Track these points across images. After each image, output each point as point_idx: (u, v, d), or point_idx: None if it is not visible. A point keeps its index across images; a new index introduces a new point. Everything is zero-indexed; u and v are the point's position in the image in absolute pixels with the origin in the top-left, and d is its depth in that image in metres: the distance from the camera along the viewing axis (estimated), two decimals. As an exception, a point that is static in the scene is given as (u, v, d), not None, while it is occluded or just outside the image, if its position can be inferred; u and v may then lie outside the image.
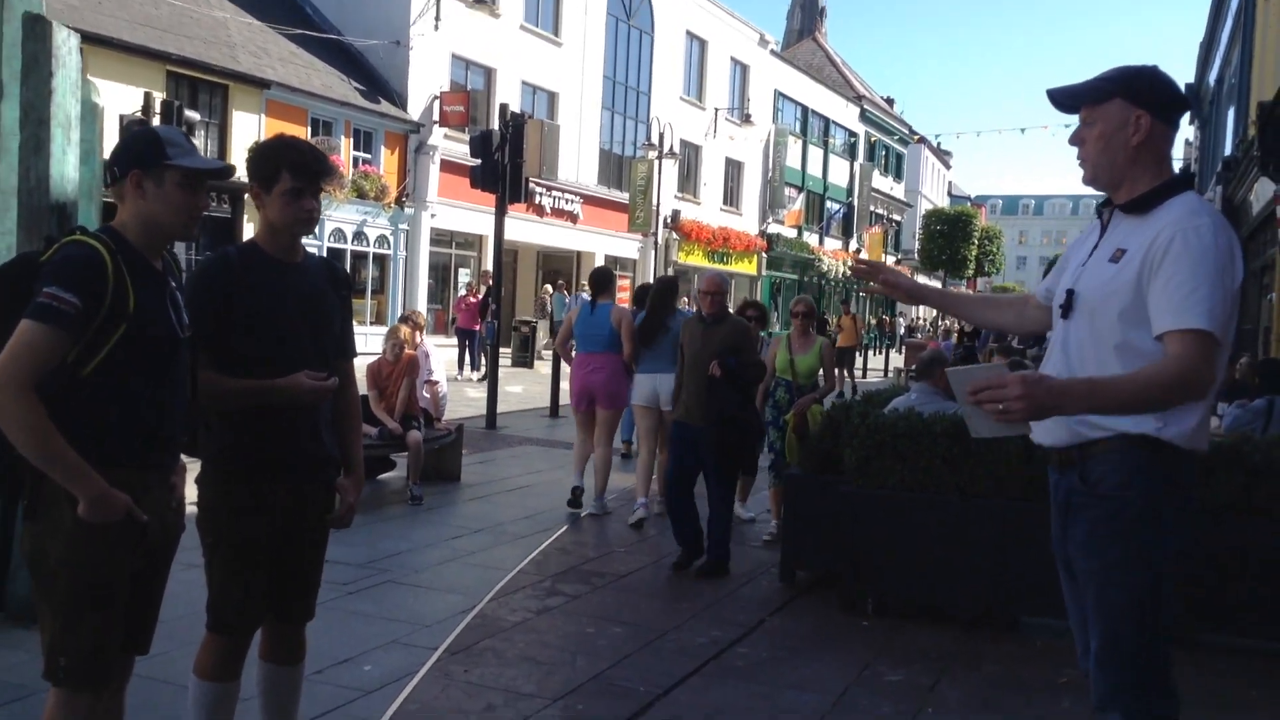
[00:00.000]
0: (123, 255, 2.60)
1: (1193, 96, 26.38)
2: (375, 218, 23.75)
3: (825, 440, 6.25)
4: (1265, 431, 7.09)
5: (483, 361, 19.68)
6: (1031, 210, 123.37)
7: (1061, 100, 2.71)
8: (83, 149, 4.89)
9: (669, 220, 32.55)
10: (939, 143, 63.53)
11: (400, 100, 24.39)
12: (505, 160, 13.28)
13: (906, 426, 5.61)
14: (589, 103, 30.37)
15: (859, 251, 48.04)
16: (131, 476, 2.63)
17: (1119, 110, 2.59)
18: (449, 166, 24.78)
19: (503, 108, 14.21)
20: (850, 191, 48.07)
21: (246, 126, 20.77)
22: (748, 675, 4.71)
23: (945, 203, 66.67)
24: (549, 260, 30.94)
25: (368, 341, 19.78)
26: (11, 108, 4.70)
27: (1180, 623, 2.68)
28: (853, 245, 48.23)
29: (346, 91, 23.00)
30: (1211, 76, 25.79)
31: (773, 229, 40.47)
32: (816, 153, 44.91)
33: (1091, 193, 2.83)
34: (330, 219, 22.17)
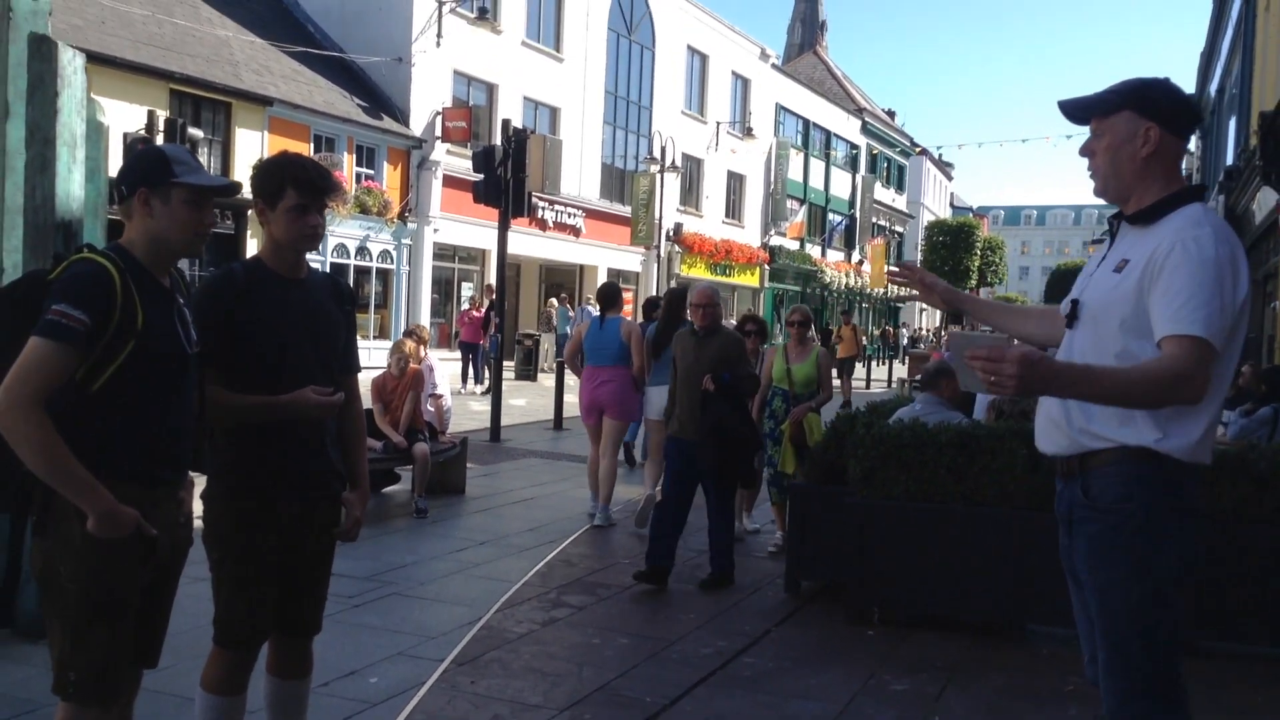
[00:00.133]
0: (131, 272, 2.62)
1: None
2: (378, 233, 23.82)
3: (830, 451, 6.26)
4: (1271, 439, 7.10)
5: (486, 375, 19.71)
6: (1034, 221, 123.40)
7: (1072, 111, 2.72)
8: (88, 167, 4.92)
9: (671, 233, 32.63)
10: (940, 154, 63.80)
11: (403, 116, 24.48)
12: (508, 175, 13.33)
13: (911, 437, 5.62)
14: (591, 117, 30.47)
15: (861, 264, 48.07)
16: (140, 492, 2.64)
17: (1128, 122, 2.59)
18: (451, 182, 24.85)
19: (505, 123, 14.27)
20: (852, 204, 48.15)
21: (249, 144, 20.87)
22: (754, 685, 4.71)
23: (947, 214, 66.75)
24: (551, 274, 30.99)
25: (371, 356, 19.83)
26: (17, 127, 4.74)
27: (1185, 630, 2.67)
28: (855, 257, 48.27)
29: (349, 108, 23.09)
30: (1213, 87, 25.81)
31: (775, 241, 40.51)
32: (818, 165, 45.00)
33: (1094, 203, 2.85)
34: (333, 234, 22.24)
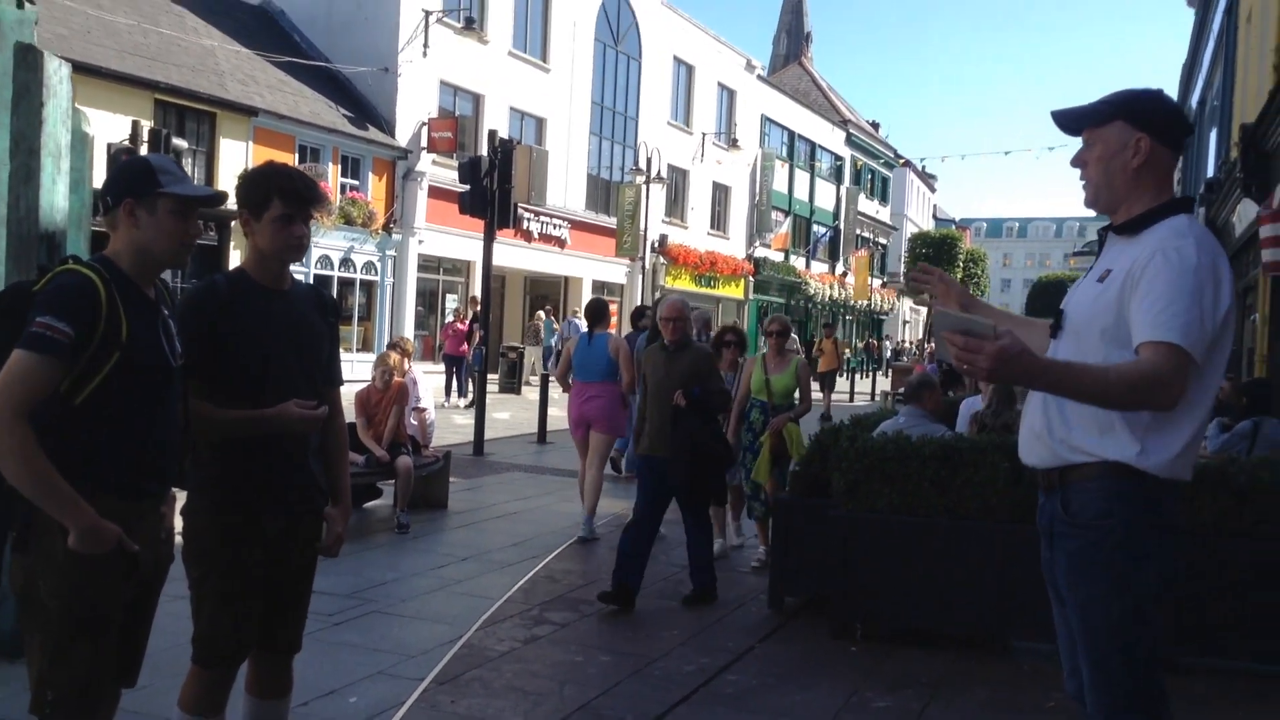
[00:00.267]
0: (116, 284, 2.60)
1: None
2: (362, 244, 23.75)
3: (814, 464, 6.26)
4: (1251, 453, 7.13)
5: (470, 388, 19.66)
6: (1015, 233, 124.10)
7: (1065, 122, 2.73)
8: (72, 178, 4.89)
9: (656, 244, 32.66)
10: (924, 166, 64.14)
11: (388, 127, 24.44)
12: (494, 186, 13.33)
13: (895, 449, 5.63)
14: (577, 128, 30.49)
15: (845, 275, 48.21)
16: (123, 507, 2.62)
17: (1120, 133, 2.60)
18: (437, 192, 24.81)
19: (491, 134, 14.26)
20: (837, 215, 48.30)
21: (234, 154, 20.79)
22: (737, 702, 4.69)
23: (930, 226, 66.98)
24: (536, 285, 30.97)
25: (354, 369, 19.76)
26: (2, 137, 4.71)
27: (1164, 645, 2.68)
28: (839, 269, 48.42)
29: (334, 118, 23.05)
30: (1194, 98, 26.00)
31: (760, 253, 40.59)
32: (803, 176, 45.15)
33: (1076, 215, 2.84)
34: (317, 246, 22.15)
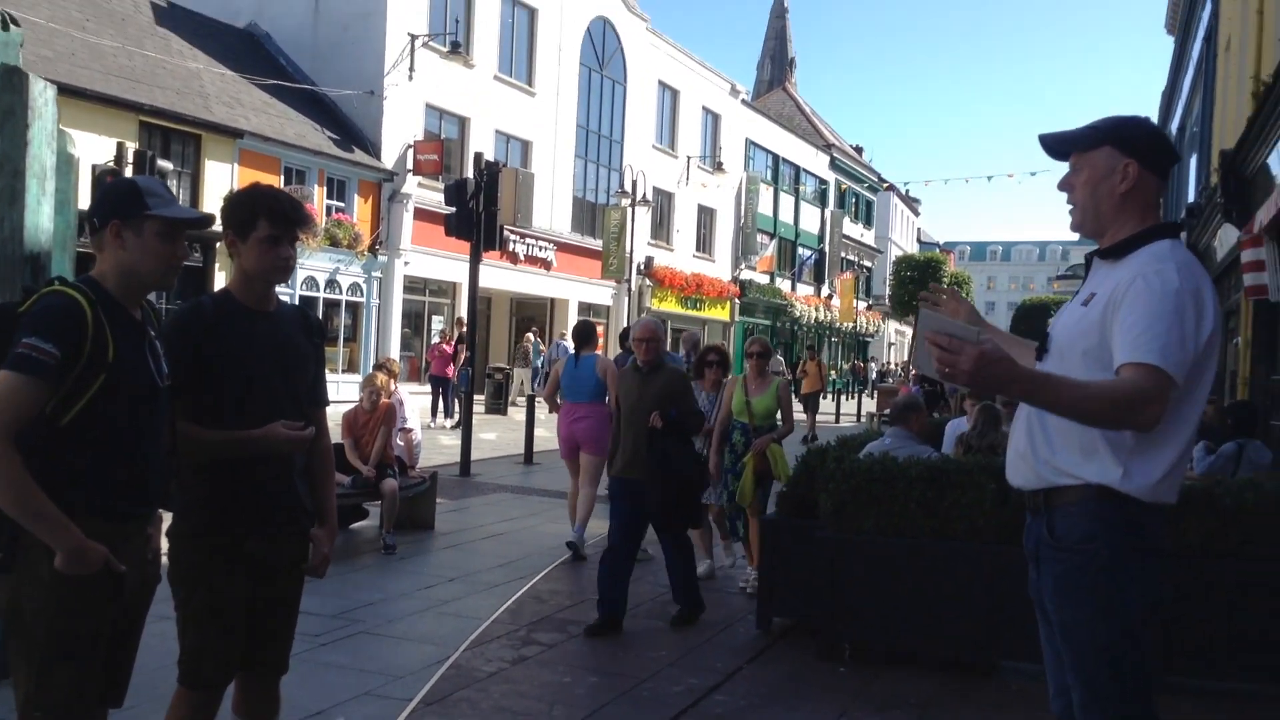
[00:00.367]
0: (102, 305, 2.60)
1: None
2: (348, 266, 23.74)
3: (801, 485, 6.26)
4: (1235, 475, 7.16)
5: (456, 409, 19.62)
6: (999, 256, 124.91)
7: (1052, 146, 2.74)
8: (58, 199, 4.87)
9: (642, 267, 32.76)
10: (908, 190, 64.41)
11: (374, 149, 24.48)
12: (480, 208, 13.35)
13: (881, 471, 5.64)
14: (562, 151, 30.60)
15: (830, 298, 48.36)
16: (109, 528, 2.60)
17: (1108, 158, 2.62)
18: (423, 215, 24.83)
19: (477, 156, 14.32)
20: (821, 238, 48.53)
21: (219, 176, 20.78)
22: (726, 723, 4.68)
23: (915, 249, 67.33)
24: (522, 307, 30.99)
25: (339, 390, 19.70)
26: (-14, 159, 4.70)
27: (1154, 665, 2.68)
28: (824, 291, 48.59)
29: (320, 141, 23.07)
30: (1174, 125, 26.26)
31: (745, 275, 40.73)
32: (788, 200, 45.38)
33: (1059, 239, 2.86)
34: (303, 267, 22.13)
